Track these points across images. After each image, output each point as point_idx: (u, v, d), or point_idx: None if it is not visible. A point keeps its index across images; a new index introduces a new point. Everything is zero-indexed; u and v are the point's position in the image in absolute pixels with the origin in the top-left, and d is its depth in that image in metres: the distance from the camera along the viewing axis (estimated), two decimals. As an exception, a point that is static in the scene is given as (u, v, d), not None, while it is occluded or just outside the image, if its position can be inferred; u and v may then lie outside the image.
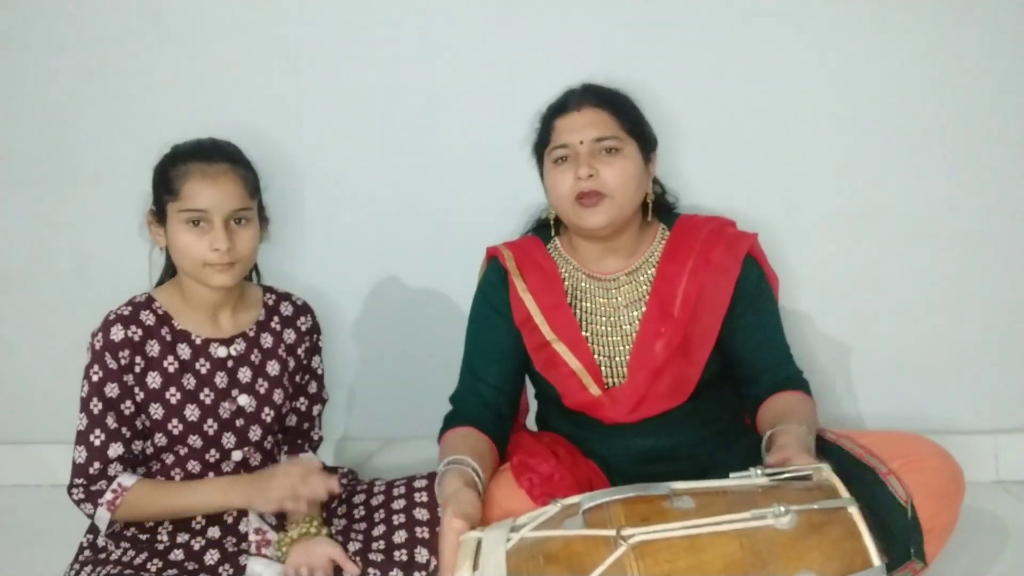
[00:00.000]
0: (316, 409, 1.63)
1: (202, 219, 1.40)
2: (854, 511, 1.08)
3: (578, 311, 1.55)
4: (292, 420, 1.60)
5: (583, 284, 1.56)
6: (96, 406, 1.42)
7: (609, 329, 1.53)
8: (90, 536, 1.48)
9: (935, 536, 1.32)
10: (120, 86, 1.90)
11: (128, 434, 1.44)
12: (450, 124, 1.88)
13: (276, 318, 1.57)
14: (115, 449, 1.42)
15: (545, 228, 1.63)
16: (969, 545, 1.57)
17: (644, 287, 1.54)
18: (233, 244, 1.41)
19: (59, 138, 1.94)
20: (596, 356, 1.52)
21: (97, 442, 1.41)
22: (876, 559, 1.04)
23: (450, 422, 1.53)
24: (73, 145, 1.94)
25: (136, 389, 1.44)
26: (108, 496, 1.40)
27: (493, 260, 1.62)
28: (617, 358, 1.51)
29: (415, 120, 1.88)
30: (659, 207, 1.60)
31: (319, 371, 1.63)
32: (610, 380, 1.51)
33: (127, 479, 1.42)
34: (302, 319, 1.59)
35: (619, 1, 1.81)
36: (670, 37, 1.82)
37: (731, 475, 1.17)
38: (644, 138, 1.54)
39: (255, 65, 1.88)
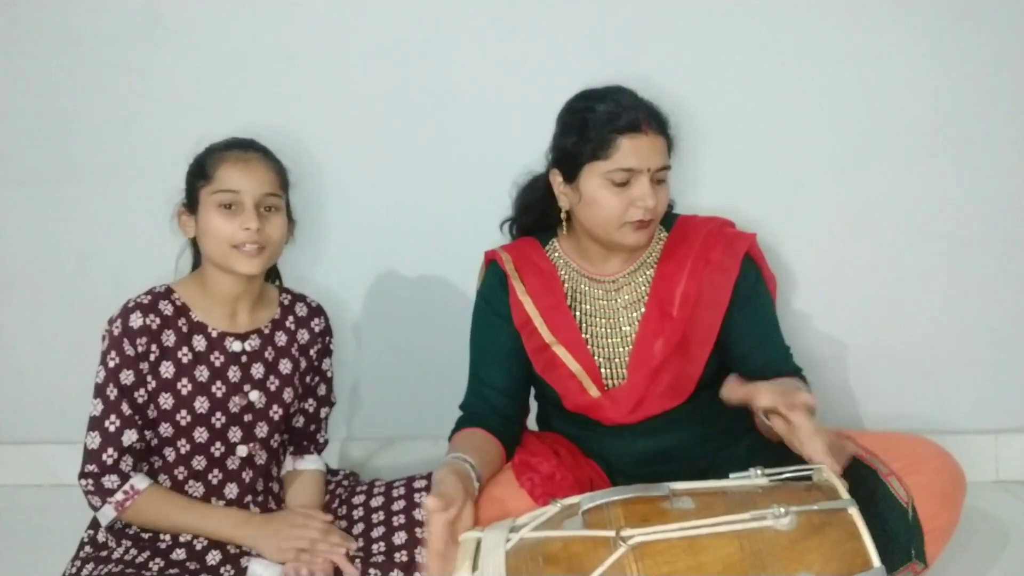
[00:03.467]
0: (324, 412, 1.63)
1: (234, 202, 1.43)
2: (854, 512, 1.08)
3: (578, 312, 1.54)
4: (299, 421, 1.60)
5: (583, 286, 1.56)
6: (112, 392, 1.41)
7: (608, 331, 1.53)
8: (91, 532, 1.47)
9: (936, 537, 1.32)
10: (120, 86, 1.90)
11: (140, 422, 1.43)
12: (458, 126, 1.87)
13: (291, 318, 1.57)
14: (129, 436, 1.41)
15: (542, 230, 1.62)
16: (969, 545, 1.57)
17: (643, 288, 1.53)
18: (263, 228, 1.43)
19: (59, 138, 1.93)
20: (596, 358, 1.51)
21: (112, 428, 1.41)
22: (876, 560, 1.04)
23: (459, 426, 1.53)
24: (73, 145, 1.94)
25: (149, 378, 1.44)
26: (119, 496, 1.40)
27: (492, 264, 1.61)
28: (616, 359, 1.51)
29: (419, 122, 1.87)
30: None
31: (328, 374, 1.63)
32: (610, 382, 1.51)
33: (140, 481, 1.42)
34: (316, 320, 1.60)
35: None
36: (669, 35, 1.82)
37: (731, 476, 1.18)
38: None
39: (255, 66, 1.87)
